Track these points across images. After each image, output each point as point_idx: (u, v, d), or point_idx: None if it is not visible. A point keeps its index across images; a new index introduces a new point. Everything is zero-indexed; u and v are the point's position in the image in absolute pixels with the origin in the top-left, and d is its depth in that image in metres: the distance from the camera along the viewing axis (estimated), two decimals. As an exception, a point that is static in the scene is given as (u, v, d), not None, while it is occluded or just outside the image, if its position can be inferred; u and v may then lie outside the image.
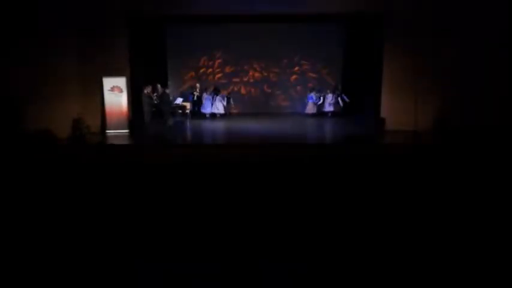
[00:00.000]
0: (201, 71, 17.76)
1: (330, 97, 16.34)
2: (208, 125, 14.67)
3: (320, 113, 16.39)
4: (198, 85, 16.49)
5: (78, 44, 12.71)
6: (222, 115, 16.11)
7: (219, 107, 16.04)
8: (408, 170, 7.49)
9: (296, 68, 17.89)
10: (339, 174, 6.96)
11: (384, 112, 13.64)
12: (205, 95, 16.05)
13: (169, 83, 16.35)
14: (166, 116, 14.11)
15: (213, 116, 16.08)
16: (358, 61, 15.99)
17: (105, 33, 12.87)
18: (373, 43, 14.37)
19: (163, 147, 11.29)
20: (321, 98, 16.51)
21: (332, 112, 16.38)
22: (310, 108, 16.51)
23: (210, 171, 7.39)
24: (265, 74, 17.92)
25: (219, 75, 17.86)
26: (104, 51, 12.90)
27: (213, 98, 16.09)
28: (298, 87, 17.39)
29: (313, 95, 16.50)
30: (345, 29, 17.02)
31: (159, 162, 8.77)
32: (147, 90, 13.64)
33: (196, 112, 16.10)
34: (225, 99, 16.27)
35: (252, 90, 17.88)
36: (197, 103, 16.11)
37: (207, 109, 16.09)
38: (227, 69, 17.87)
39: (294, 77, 17.91)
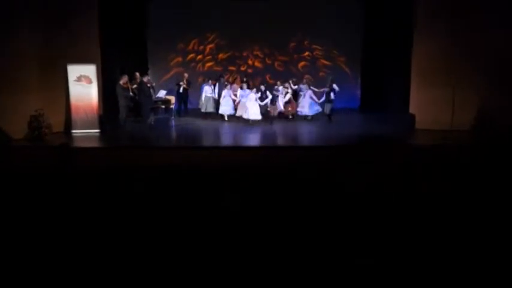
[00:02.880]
0: (190, 57, 17.74)
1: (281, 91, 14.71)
2: (197, 123, 14.59)
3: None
4: (186, 75, 16.10)
5: (37, 24, 12.61)
6: (255, 121, 13.92)
7: (253, 109, 13.86)
8: (444, 175, 7.45)
9: (306, 53, 17.85)
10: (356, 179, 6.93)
11: (414, 108, 13.55)
12: (223, 90, 14.68)
13: (149, 71, 16.32)
14: (145, 113, 14.04)
15: (235, 118, 14.62)
16: (382, 46, 15.94)
17: (69, 9, 12.77)
18: (400, 24, 14.31)
19: (142, 150, 11.23)
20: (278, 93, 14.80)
21: (281, 113, 14.87)
22: (240, 108, 14.52)
23: (199, 178, 7.35)
24: (269, 62, 17.89)
25: (210, 63, 17.81)
26: (69, 32, 12.78)
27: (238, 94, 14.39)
28: (307, 77, 17.34)
29: (250, 90, 14.60)
30: (366, 6, 16.99)
31: (137, 168, 8.73)
32: (123, 80, 13.58)
33: (184, 109, 15.98)
34: (262, 94, 14.33)
35: (250, 81, 17.80)
36: (184, 97, 15.96)
37: (227, 109, 14.70)
38: (221, 56, 17.83)
39: (302, 63, 17.86)
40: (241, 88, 14.82)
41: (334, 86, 14.76)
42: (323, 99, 14.90)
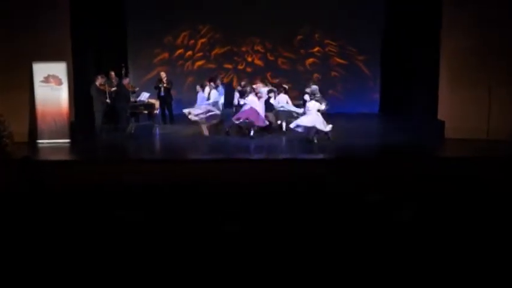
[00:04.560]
0: (178, 52, 17.79)
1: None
2: (186, 132, 14.55)
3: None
4: (163, 74, 15.92)
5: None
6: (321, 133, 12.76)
7: (314, 118, 12.53)
8: (480, 195, 7.44)
9: (316, 49, 17.90)
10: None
11: (443, 113, 13.56)
12: (249, 93, 13.43)
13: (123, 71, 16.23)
14: (124, 119, 14.04)
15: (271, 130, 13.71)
16: (405, 41, 15.99)
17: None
18: (426, 15, 14.35)
19: (121, 164, 11.23)
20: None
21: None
22: None
23: (191, 198, 7.36)
24: (271, 58, 17.94)
25: (201, 62, 17.81)
26: (34, 24, 12.81)
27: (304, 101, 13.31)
28: (316, 76, 17.39)
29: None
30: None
31: (115, 184, 8.72)
32: (99, 81, 13.58)
33: (168, 115, 15.93)
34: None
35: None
36: (167, 100, 15.86)
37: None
38: (217, 51, 17.84)
39: (311, 60, 17.91)
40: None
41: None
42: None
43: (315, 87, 13.72)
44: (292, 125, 12.85)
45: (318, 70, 17.70)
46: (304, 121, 12.63)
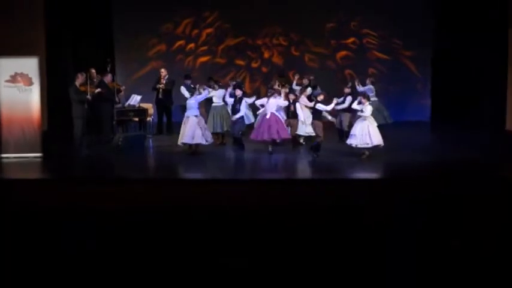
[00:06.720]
0: (178, 44, 17.86)
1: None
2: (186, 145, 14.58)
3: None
4: (163, 71, 16.00)
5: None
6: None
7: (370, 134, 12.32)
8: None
9: (350, 40, 17.89)
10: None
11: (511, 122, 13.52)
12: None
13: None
14: (109, 128, 14.06)
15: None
16: (464, 34, 15.94)
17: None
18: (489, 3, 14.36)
19: (104, 184, 11.23)
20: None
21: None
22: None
23: (188, 225, 7.42)
24: (296, 53, 17.94)
25: (205, 58, 17.83)
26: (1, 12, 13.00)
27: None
28: (348, 73, 17.32)
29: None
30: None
31: (96, 210, 8.72)
32: (80, 80, 13.61)
33: (166, 123, 16.02)
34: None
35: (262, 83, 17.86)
36: (166, 105, 15.86)
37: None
38: (227, 43, 17.92)
39: (343, 53, 17.94)
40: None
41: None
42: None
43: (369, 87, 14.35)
44: (351, 142, 12.51)
45: (352, 66, 17.66)
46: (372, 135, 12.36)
